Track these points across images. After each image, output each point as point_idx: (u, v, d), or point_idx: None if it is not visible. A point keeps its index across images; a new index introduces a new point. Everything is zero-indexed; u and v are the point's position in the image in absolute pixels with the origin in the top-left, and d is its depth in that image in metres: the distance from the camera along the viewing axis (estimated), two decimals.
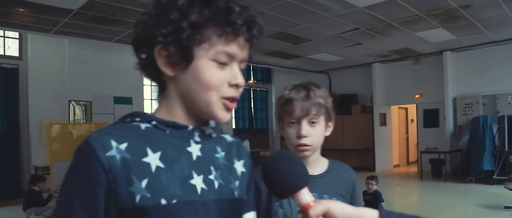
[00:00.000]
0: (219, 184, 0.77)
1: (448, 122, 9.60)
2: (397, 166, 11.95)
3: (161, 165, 0.70)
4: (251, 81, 11.98)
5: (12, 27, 6.86)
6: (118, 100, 8.81)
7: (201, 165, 0.76)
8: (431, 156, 9.54)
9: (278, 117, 1.22)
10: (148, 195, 0.67)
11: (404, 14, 6.52)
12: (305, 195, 0.74)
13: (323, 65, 11.36)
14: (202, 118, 0.77)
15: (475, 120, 8.71)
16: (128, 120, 0.74)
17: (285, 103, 1.17)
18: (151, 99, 10.03)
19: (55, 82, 7.87)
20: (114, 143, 0.67)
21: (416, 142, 11.38)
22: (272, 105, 12.57)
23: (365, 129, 11.09)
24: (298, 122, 1.15)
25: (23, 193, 6.38)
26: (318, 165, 1.22)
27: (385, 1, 5.83)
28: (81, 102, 8.26)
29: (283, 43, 8.40)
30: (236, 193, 0.80)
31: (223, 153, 0.82)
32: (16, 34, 7.75)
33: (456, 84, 9.71)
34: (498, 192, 6.95)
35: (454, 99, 9.58)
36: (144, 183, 0.67)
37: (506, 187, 6.23)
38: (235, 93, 0.76)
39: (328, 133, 1.21)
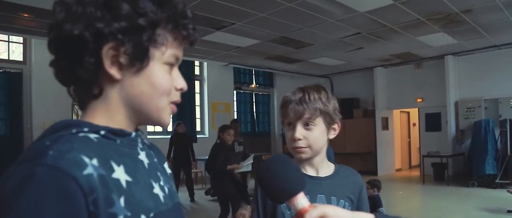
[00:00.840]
0: (168, 189, 0.75)
1: (450, 126, 9.60)
2: (399, 170, 11.93)
3: (129, 178, 0.63)
4: (253, 86, 12.01)
5: (16, 32, 6.92)
6: None
7: (153, 173, 0.72)
8: (433, 160, 9.53)
9: (281, 119, 1.26)
10: (129, 214, 0.60)
11: (405, 19, 6.54)
12: (301, 200, 0.74)
13: (325, 70, 11.38)
14: (140, 124, 0.72)
15: (477, 124, 8.70)
16: (74, 130, 0.62)
17: (282, 106, 1.21)
18: None
19: (58, 86, 7.65)
20: (86, 159, 0.56)
21: (418, 146, 11.37)
22: (275, 109, 12.60)
23: (367, 133, 11.09)
24: (293, 125, 1.17)
25: None
26: (324, 168, 1.24)
27: (386, 6, 5.86)
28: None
29: (285, 47, 8.44)
30: (177, 195, 0.79)
31: (156, 159, 0.78)
32: (20, 39, 7.81)
33: (458, 88, 9.71)
34: (501, 196, 6.94)
35: (456, 103, 9.58)
36: (122, 201, 0.59)
37: (508, 191, 6.21)
38: (179, 97, 0.73)
39: (332, 136, 1.22)
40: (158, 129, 8.83)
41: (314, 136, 1.17)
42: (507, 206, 5.94)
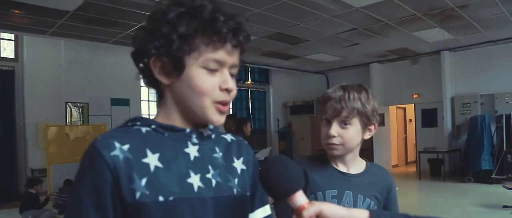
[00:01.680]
0: (217, 182, 0.82)
1: (446, 122, 9.60)
2: (395, 166, 11.95)
3: (159, 165, 0.75)
4: (248, 82, 11.96)
5: (7, 28, 6.81)
6: (115, 102, 8.78)
7: (199, 165, 0.81)
8: (430, 156, 9.54)
9: (320, 115, 1.28)
10: (147, 192, 0.72)
11: (401, 14, 6.51)
12: (300, 198, 0.78)
13: (321, 66, 11.35)
14: (198, 121, 0.82)
15: (473, 119, 8.71)
16: (129, 124, 0.81)
17: (322, 102, 1.24)
18: (148, 100, 10.00)
19: (51, 84, 7.83)
20: (117, 144, 0.73)
21: (415, 142, 11.38)
22: (270, 106, 12.56)
23: None
24: (330, 122, 1.20)
25: (20, 196, 6.34)
26: (355, 165, 1.26)
27: (382, 1, 5.82)
28: (78, 104, 8.23)
29: (280, 43, 8.39)
30: (235, 190, 0.85)
31: (221, 153, 0.86)
32: (12, 36, 7.71)
33: (454, 83, 9.71)
34: (497, 191, 6.95)
35: (452, 99, 9.58)
36: (143, 181, 0.73)
37: (504, 186, 6.22)
38: (226, 97, 0.81)
39: (367, 136, 1.24)
40: None
41: (349, 135, 1.19)
42: (503, 201, 5.95)
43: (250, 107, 12.09)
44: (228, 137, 0.91)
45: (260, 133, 12.00)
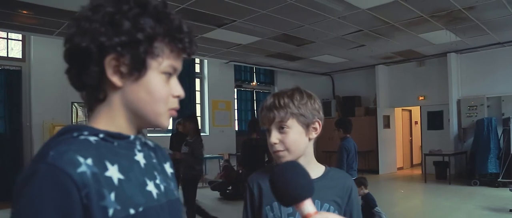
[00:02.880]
0: (165, 187, 0.82)
1: (453, 124, 9.54)
2: (401, 168, 11.89)
3: (121, 176, 0.71)
4: (254, 84, 11.97)
5: (15, 29, 6.88)
6: None
7: (149, 172, 0.80)
8: (435, 158, 9.48)
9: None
10: (119, 207, 0.68)
11: (408, 16, 6.48)
12: (308, 206, 0.78)
13: (326, 67, 11.33)
14: (141, 127, 0.80)
15: (480, 122, 8.64)
16: (75, 134, 0.72)
17: (259, 114, 1.25)
18: None
19: (58, 84, 7.85)
20: (81, 159, 0.66)
21: (420, 144, 11.32)
22: None
23: (368, 131, 11.04)
24: (269, 130, 1.21)
25: None
26: (312, 169, 1.20)
27: (388, 3, 5.80)
28: (84, 104, 8.29)
29: (286, 45, 8.38)
30: (175, 193, 0.86)
31: (155, 159, 0.86)
32: (19, 36, 7.77)
33: (461, 86, 9.65)
34: (503, 195, 6.89)
35: (459, 101, 9.52)
36: (112, 196, 0.68)
37: (511, 190, 6.16)
38: (177, 104, 0.80)
39: (314, 135, 1.21)
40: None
41: (290, 138, 1.18)
42: (509, 205, 5.89)
43: (255, 108, 12.09)
44: (150, 142, 0.89)
45: (265, 135, 11.95)
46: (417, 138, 12.25)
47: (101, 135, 0.73)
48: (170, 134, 7.58)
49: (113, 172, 0.70)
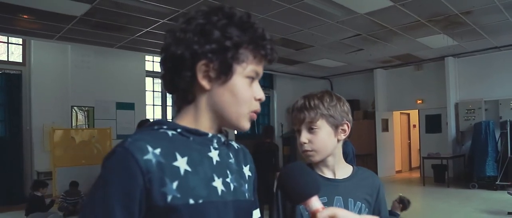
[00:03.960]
0: (234, 187, 0.86)
1: (451, 128, 9.58)
2: (399, 171, 11.91)
3: (188, 168, 0.77)
4: None
5: (15, 33, 6.91)
6: (121, 106, 8.84)
7: (220, 169, 0.84)
8: (434, 162, 9.51)
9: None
10: (178, 196, 0.74)
11: (405, 20, 6.54)
12: (315, 203, 0.83)
13: (325, 71, 11.37)
14: (228, 128, 0.87)
15: (478, 125, 8.68)
16: (156, 127, 0.81)
17: (289, 116, 1.29)
18: (153, 105, 10.06)
19: (58, 88, 7.91)
20: (150, 148, 0.74)
21: (419, 148, 11.35)
22: (275, 111, 12.58)
23: (367, 134, 11.07)
24: (299, 130, 1.24)
25: (26, 199, 6.39)
26: (340, 170, 1.28)
27: (386, 7, 5.85)
28: (84, 108, 8.30)
29: (285, 49, 8.43)
30: (247, 194, 0.90)
31: (233, 159, 0.91)
32: (20, 40, 7.81)
33: (458, 89, 9.70)
34: (501, 198, 6.92)
35: (456, 105, 9.57)
36: (175, 184, 0.74)
37: (509, 193, 6.20)
38: (258, 106, 0.86)
39: (342, 137, 1.25)
40: None
41: (319, 138, 1.21)
42: (507, 208, 5.93)
43: None
44: (235, 144, 0.96)
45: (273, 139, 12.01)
46: (415, 141, 12.28)
47: (178, 130, 0.81)
48: None
49: (181, 163, 0.77)
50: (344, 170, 1.28)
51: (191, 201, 0.75)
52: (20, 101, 7.69)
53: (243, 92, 0.82)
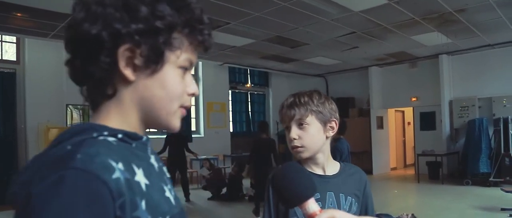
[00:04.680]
0: (174, 194, 0.73)
1: (445, 125, 9.65)
2: (394, 168, 11.99)
3: (147, 182, 0.63)
4: (248, 85, 12.01)
5: (9, 31, 6.87)
6: None
7: (162, 176, 0.72)
8: (428, 159, 9.58)
9: (283, 126, 1.32)
10: (150, 217, 0.60)
11: (400, 18, 6.57)
12: (312, 205, 0.80)
13: (320, 69, 11.40)
14: (156, 127, 0.71)
15: (471, 123, 8.76)
16: (95, 135, 0.61)
17: (279, 112, 1.31)
18: None
19: (52, 86, 7.86)
20: (113, 163, 0.57)
21: (413, 145, 11.42)
22: (270, 109, 12.60)
23: (362, 132, 11.11)
24: (288, 127, 1.26)
25: None
26: (330, 166, 1.31)
27: (381, 5, 5.88)
28: (79, 106, 8.26)
29: (280, 47, 8.44)
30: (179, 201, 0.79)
31: (161, 162, 0.77)
32: (14, 39, 7.75)
33: (452, 87, 9.77)
34: (495, 194, 6.99)
35: (450, 102, 9.64)
36: (143, 204, 0.60)
37: (502, 189, 6.26)
38: (190, 102, 0.72)
39: (330, 134, 1.28)
40: None
41: (309, 134, 1.23)
42: (501, 204, 5.99)
43: (249, 110, 12.13)
44: None
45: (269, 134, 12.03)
46: (410, 138, 12.36)
47: (119, 135, 0.64)
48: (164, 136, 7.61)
49: (140, 177, 0.61)
50: (332, 167, 1.31)
51: None
52: (14, 100, 7.63)
53: (175, 86, 0.67)
